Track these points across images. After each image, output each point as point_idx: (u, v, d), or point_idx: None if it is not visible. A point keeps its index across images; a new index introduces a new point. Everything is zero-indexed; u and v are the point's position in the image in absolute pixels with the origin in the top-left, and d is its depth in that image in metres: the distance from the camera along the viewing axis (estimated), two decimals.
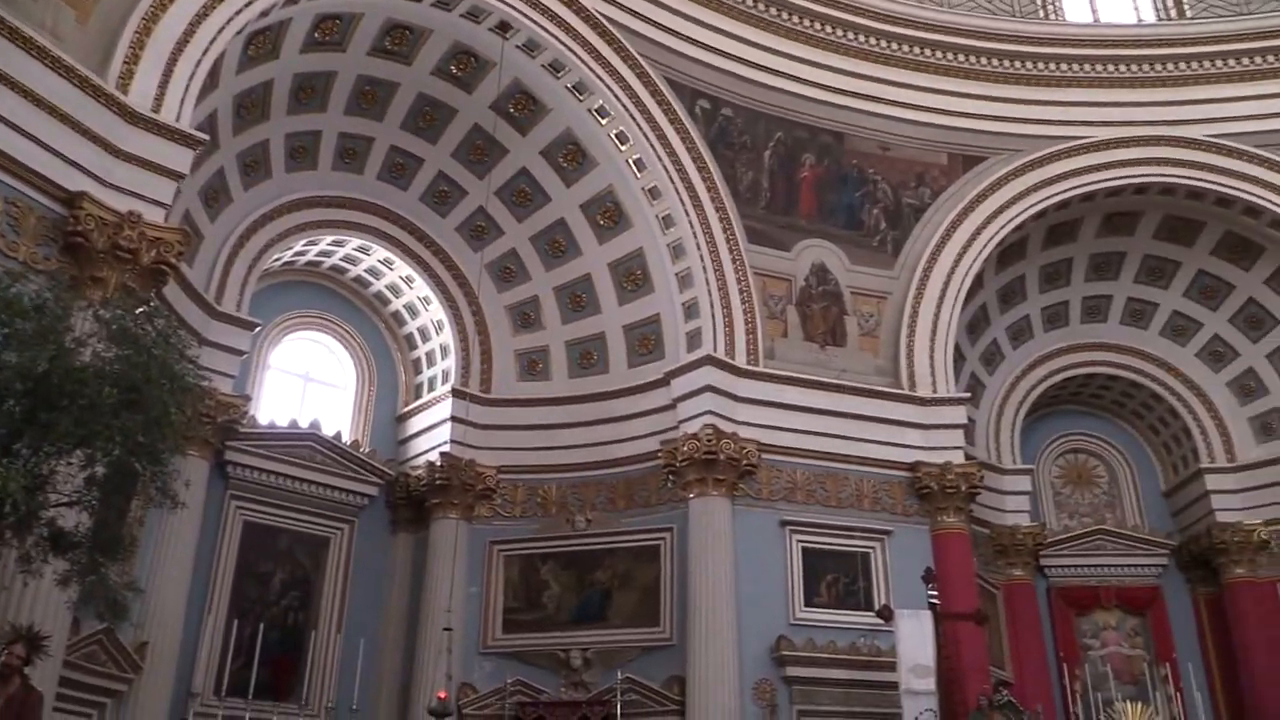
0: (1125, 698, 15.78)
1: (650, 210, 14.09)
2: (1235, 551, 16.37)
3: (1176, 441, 17.77)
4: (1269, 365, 16.78)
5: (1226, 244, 16.41)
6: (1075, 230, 16.61)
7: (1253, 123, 15.87)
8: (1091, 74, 16.22)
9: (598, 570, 13.65)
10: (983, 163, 15.80)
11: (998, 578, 16.26)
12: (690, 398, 13.42)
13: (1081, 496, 18.24)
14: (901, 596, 12.89)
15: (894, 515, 13.91)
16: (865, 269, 15.09)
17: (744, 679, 12.32)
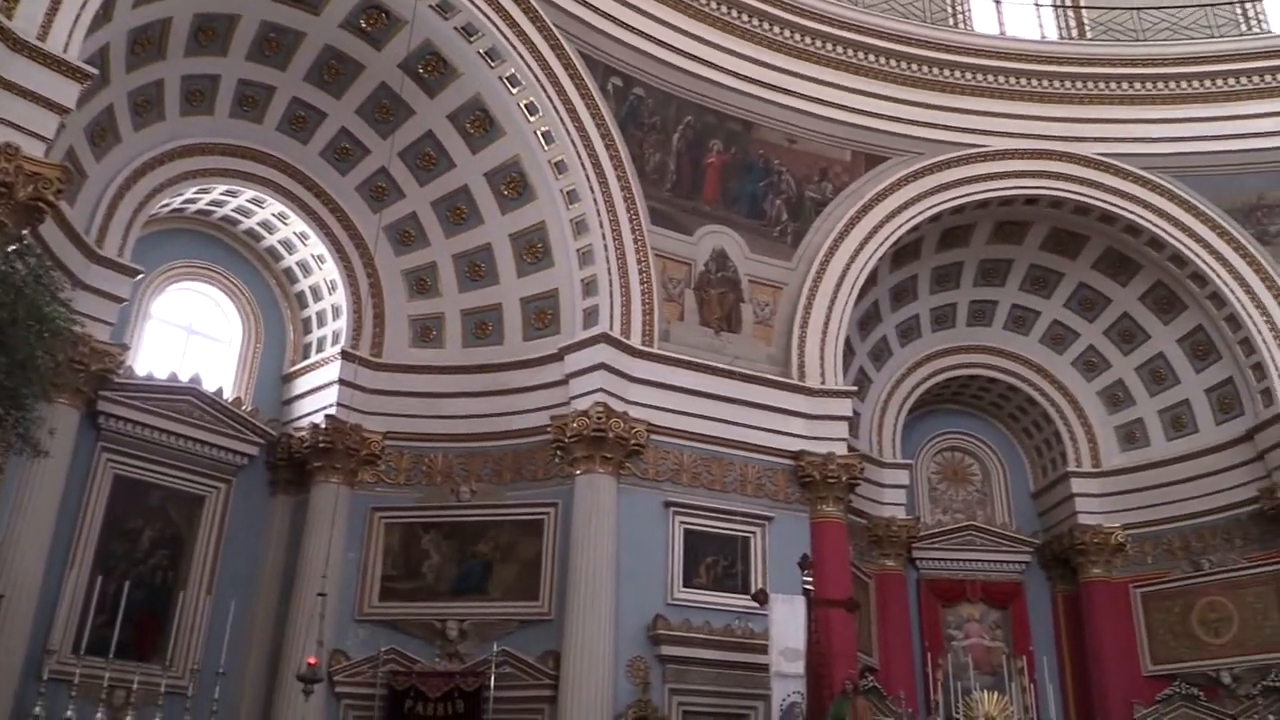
0: (983, 687, 16.42)
1: (555, 184, 14.01)
2: (1094, 552, 17.16)
3: (1048, 445, 18.52)
4: (1137, 378, 17.59)
5: (1107, 259, 17.10)
6: (968, 235, 17.11)
7: (1139, 145, 16.54)
8: (994, 85, 16.69)
9: (480, 542, 13.57)
10: (884, 162, 16.13)
11: (871, 567, 16.74)
12: (583, 374, 13.43)
13: (956, 493, 18.89)
14: (778, 581, 13.15)
15: (775, 502, 14.17)
16: (764, 258, 15.29)
17: (619, 656, 12.43)
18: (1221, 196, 16.30)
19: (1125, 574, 17.14)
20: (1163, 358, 17.24)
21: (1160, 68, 16.67)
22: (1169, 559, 16.84)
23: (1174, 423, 17.25)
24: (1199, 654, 16.13)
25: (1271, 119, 16.36)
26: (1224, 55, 16.58)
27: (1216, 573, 16.23)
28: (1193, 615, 16.35)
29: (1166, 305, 16.98)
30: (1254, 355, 15.91)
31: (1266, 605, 15.64)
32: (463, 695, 12.54)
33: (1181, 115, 16.63)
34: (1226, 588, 16.10)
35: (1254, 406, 16.02)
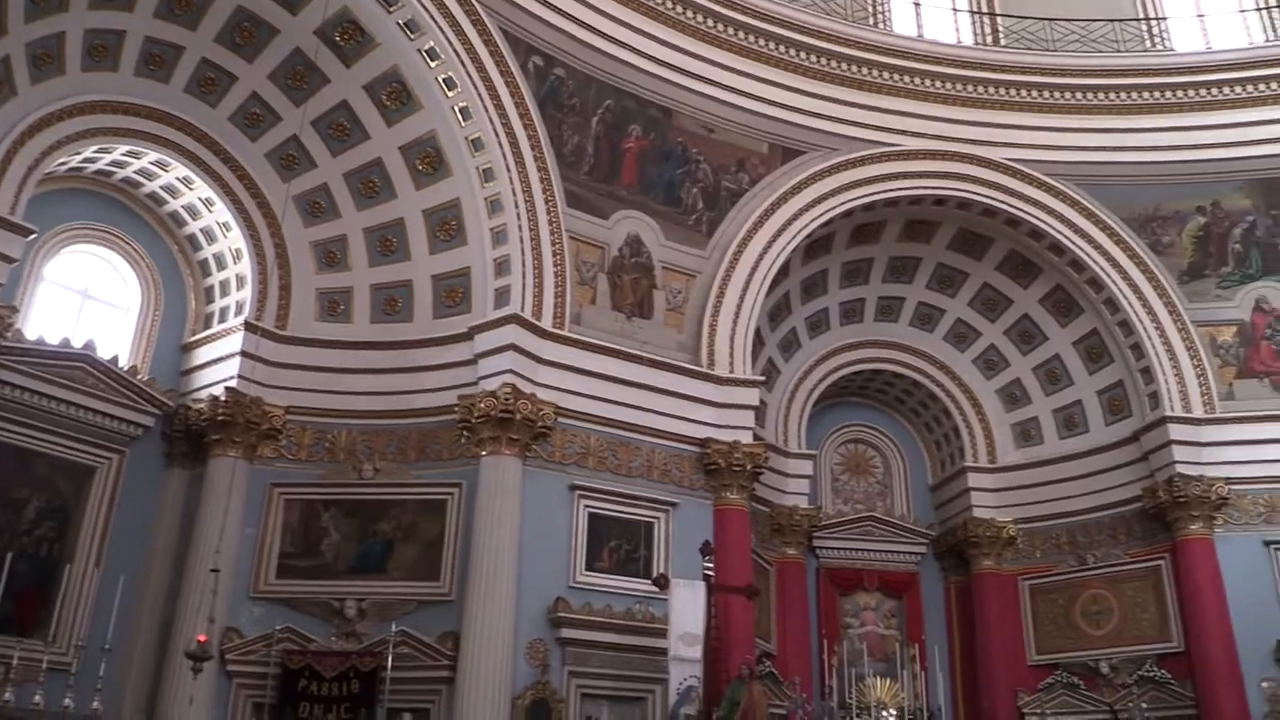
0: (876, 674, 16.92)
1: (471, 161, 13.87)
2: (986, 545, 17.70)
3: (947, 440, 19.02)
4: (1034, 378, 18.15)
5: (1010, 262, 17.59)
6: (879, 232, 17.43)
7: (1045, 151, 17.02)
8: (909, 85, 16.99)
9: (381, 521, 13.40)
10: (801, 156, 16.32)
11: (772, 554, 17.00)
12: (492, 355, 13.33)
13: (857, 484, 19.28)
14: (680, 567, 13.27)
15: (680, 488, 14.28)
16: (679, 246, 15.35)
17: (519, 638, 12.42)
18: (1120, 206, 16.90)
19: (1015, 566, 17.73)
20: (1059, 359, 17.82)
21: (1068, 78, 17.17)
22: (1056, 553, 17.46)
23: (1067, 422, 17.86)
24: (1080, 644, 16.77)
25: (1169, 133, 16.99)
26: (1128, 70, 17.16)
27: (1100, 567, 16.88)
28: (1076, 607, 16.98)
29: (1064, 308, 17.54)
30: (1143, 360, 16.54)
31: (1145, 599, 16.33)
32: (359, 675, 12.38)
33: (1086, 125, 17.17)
34: (1108, 582, 16.77)
35: (1141, 409, 16.67)
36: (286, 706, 12.33)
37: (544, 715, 12.31)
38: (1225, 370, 16.57)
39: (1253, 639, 14.98)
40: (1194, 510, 15.65)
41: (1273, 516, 15.75)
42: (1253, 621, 15.06)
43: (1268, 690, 14.78)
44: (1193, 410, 16.12)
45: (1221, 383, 16.45)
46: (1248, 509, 15.81)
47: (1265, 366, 16.50)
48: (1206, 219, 17.00)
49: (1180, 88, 17.06)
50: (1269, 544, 15.59)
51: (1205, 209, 17.00)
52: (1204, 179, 16.97)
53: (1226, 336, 16.74)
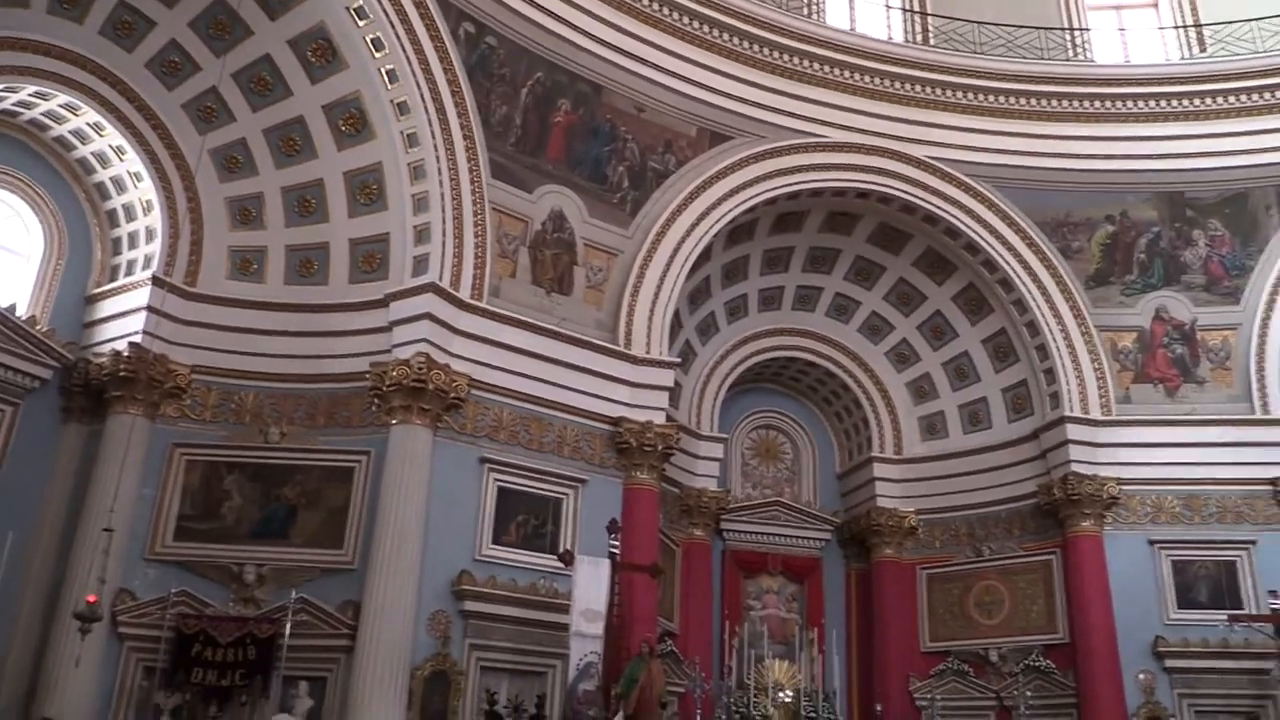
0: (775, 656, 17.23)
1: (396, 125, 13.64)
2: (888, 534, 18.13)
3: (856, 430, 19.38)
4: (943, 373, 18.59)
5: (927, 258, 17.95)
6: (801, 221, 17.62)
7: (966, 152, 17.38)
8: (839, 78, 17.15)
9: (286, 486, 13.16)
10: (728, 141, 16.39)
11: (679, 535, 17.17)
12: (407, 323, 13.16)
13: (767, 469, 19.56)
14: (587, 544, 13.33)
15: (591, 465, 14.32)
16: (602, 223, 15.32)
17: (421, 609, 12.35)
18: (1034, 210, 17.35)
19: (914, 556, 18.20)
20: (967, 356, 18.27)
21: (993, 81, 17.52)
22: (954, 544, 17.98)
23: (971, 418, 18.34)
24: (972, 633, 17.32)
25: (1084, 142, 17.47)
26: (1050, 77, 17.58)
27: (995, 559, 17.42)
28: (970, 597, 17.51)
29: (976, 307, 17.98)
30: (1047, 361, 17.05)
31: (1035, 591, 16.90)
32: (255, 642, 12.20)
33: (1007, 129, 17.55)
34: (1002, 573, 17.32)
35: (1042, 408, 17.19)
36: (179, 671, 12.10)
37: (443, 687, 12.29)
38: (1123, 375, 17.17)
39: (1133, 633, 15.64)
40: (1086, 508, 16.22)
41: (1158, 517, 16.41)
42: (1134, 616, 15.73)
43: (1143, 682, 15.45)
44: (1090, 412, 16.68)
45: (1119, 387, 17.04)
46: (1136, 509, 16.45)
47: (1160, 373, 17.13)
48: (1115, 227, 17.55)
49: (1097, 98, 17.55)
50: (1154, 543, 16.25)
51: (1114, 218, 17.55)
52: (1114, 189, 17.52)
53: (1127, 342, 17.33)
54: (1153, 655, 15.62)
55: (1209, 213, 17.45)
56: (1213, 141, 17.35)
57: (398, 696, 11.79)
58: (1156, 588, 16.04)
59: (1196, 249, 17.41)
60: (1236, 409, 16.73)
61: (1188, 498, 16.45)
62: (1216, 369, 17.09)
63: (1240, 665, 15.33)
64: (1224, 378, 17.05)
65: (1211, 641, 15.50)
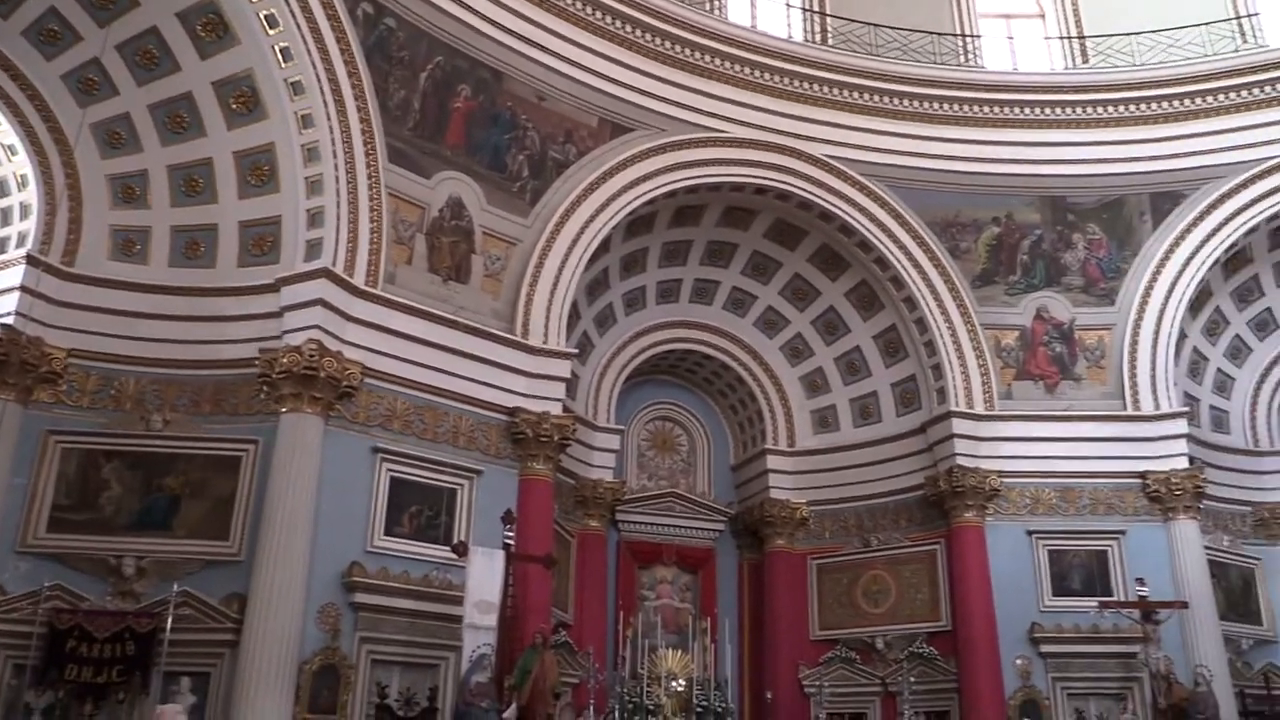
0: (669, 646, 17.41)
1: (290, 105, 13.24)
2: (780, 525, 18.46)
3: (750, 423, 19.66)
4: (835, 367, 18.99)
5: (821, 255, 18.29)
6: (699, 215, 17.76)
7: (861, 151, 17.76)
8: (739, 74, 17.34)
9: (169, 475, 12.68)
10: (629, 133, 16.41)
11: (574, 526, 17.16)
12: (299, 309, 12.80)
13: (663, 460, 19.70)
14: (482, 535, 13.22)
15: (486, 456, 14.19)
16: (501, 212, 15.17)
17: (310, 602, 12.06)
18: (924, 209, 17.84)
19: (805, 546, 18.57)
20: (859, 351, 18.70)
21: (888, 83, 17.94)
22: (844, 535, 18.41)
23: (862, 411, 18.78)
24: (859, 622, 17.76)
25: (973, 145, 18.05)
26: (942, 81, 18.10)
27: (882, 550, 17.89)
28: (858, 587, 17.95)
29: (867, 303, 18.40)
30: (935, 357, 17.56)
31: (920, 581, 17.42)
32: (135, 637, 11.73)
33: (900, 130, 18.00)
34: (889, 563, 17.80)
35: (930, 403, 17.70)
36: (51, 668, 11.55)
37: (332, 680, 12.05)
38: (1006, 371, 17.78)
39: (1011, 620, 16.25)
40: (969, 499, 16.77)
41: (1036, 508, 17.08)
42: (1013, 604, 16.33)
43: (1020, 667, 16.07)
44: (975, 407, 17.24)
45: (1001, 383, 17.65)
46: (1015, 500, 17.08)
47: (1040, 370, 17.81)
48: (1000, 229, 18.16)
49: (986, 103, 18.13)
50: (1031, 533, 16.89)
51: (1000, 219, 18.16)
52: (1001, 192, 18.12)
53: (1009, 340, 17.95)
54: (1029, 641, 16.26)
55: (1088, 217, 18.20)
56: (1092, 149, 18.10)
57: (285, 691, 11.50)
58: (1033, 576, 16.68)
59: (1076, 252, 18.14)
60: (1110, 405, 17.50)
61: (1064, 490, 17.15)
62: (1092, 367, 17.84)
63: (1109, 649, 16.06)
64: (1099, 375, 17.80)
65: (1083, 627, 16.20)
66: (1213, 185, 17.70)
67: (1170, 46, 18.11)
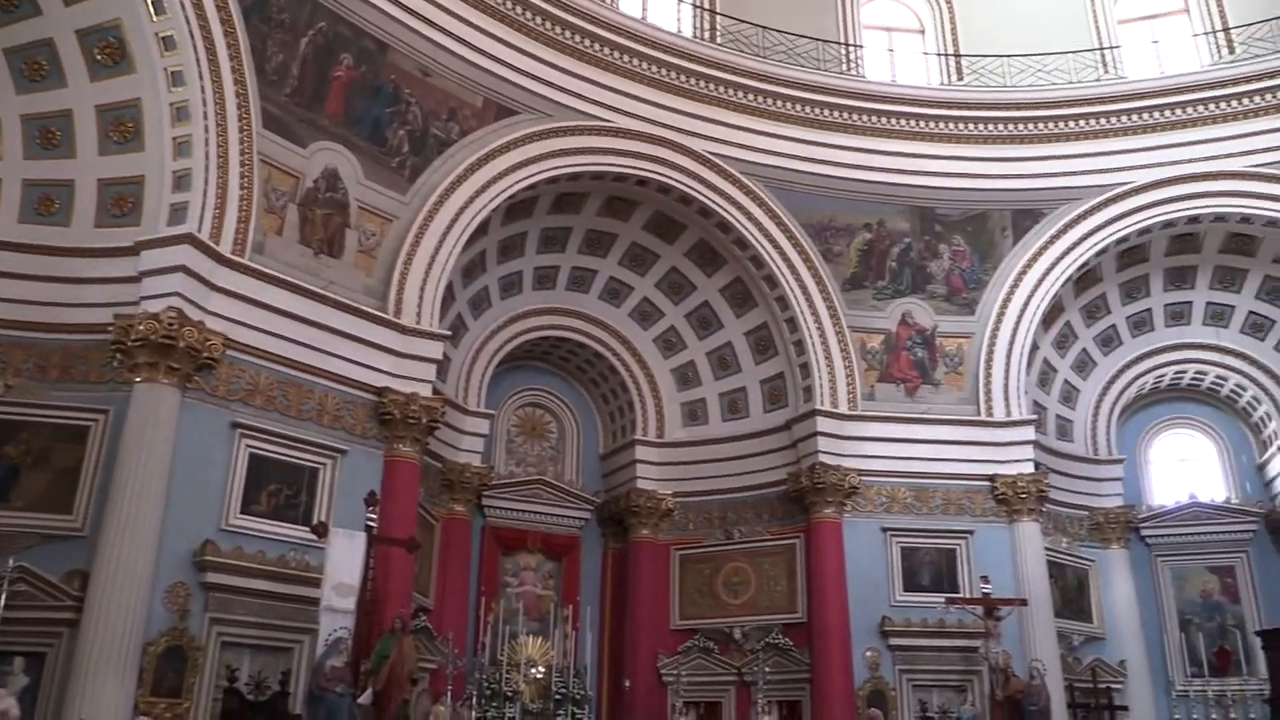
0: (530, 633, 17.41)
1: (160, 61, 12.62)
2: (645, 515, 18.63)
3: (621, 412, 19.76)
4: (707, 362, 19.25)
5: (699, 250, 18.48)
6: (580, 204, 17.73)
7: (743, 150, 18.02)
8: (627, 65, 17.35)
9: (9, 444, 11.92)
10: (514, 116, 16.24)
11: (440, 510, 16.94)
12: (159, 275, 12.22)
13: (532, 447, 19.63)
14: (343, 516, 12.91)
15: (352, 435, 13.86)
16: (378, 187, 14.80)
17: (159, 581, 11.56)
18: (800, 212, 18.22)
19: (669, 537, 18.79)
20: (730, 347, 19.00)
21: (772, 85, 18.24)
22: (707, 526, 18.70)
23: (731, 406, 19.10)
24: (719, 612, 18.08)
25: (850, 153, 18.52)
26: (825, 88, 18.50)
27: (744, 542, 18.25)
28: (719, 578, 18.27)
29: (741, 300, 18.69)
30: (803, 356, 17.98)
31: (779, 574, 17.84)
32: None
33: (781, 132, 18.32)
34: (749, 556, 18.17)
35: (796, 401, 18.12)
36: None
37: (179, 662, 11.57)
38: (869, 374, 18.34)
39: (864, 614, 16.82)
40: (829, 496, 17.25)
41: (892, 506, 17.69)
42: (866, 598, 16.90)
43: (870, 659, 16.65)
44: (839, 406, 17.73)
45: (865, 384, 18.20)
46: (873, 498, 17.65)
47: (902, 374, 18.43)
48: (872, 235, 18.69)
49: (866, 113, 18.61)
50: (886, 530, 17.50)
51: (872, 226, 18.70)
52: (875, 199, 18.64)
53: (875, 344, 18.52)
54: (880, 634, 16.84)
55: (954, 229, 18.90)
56: (962, 164, 18.80)
57: (127, 673, 11.00)
58: (886, 572, 17.28)
59: (941, 261, 18.82)
60: (964, 410, 18.25)
61: (918, 490, 17.81)
62: (950, 373, 18.56)
63: (954, 644, 16.78)
64: (956, 382, 18.53)
65: (931, 622, 16.87)
66: (1069, 206, 18.60)
67: (1039, 71, 18.95)
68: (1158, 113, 18.49)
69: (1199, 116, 18.34)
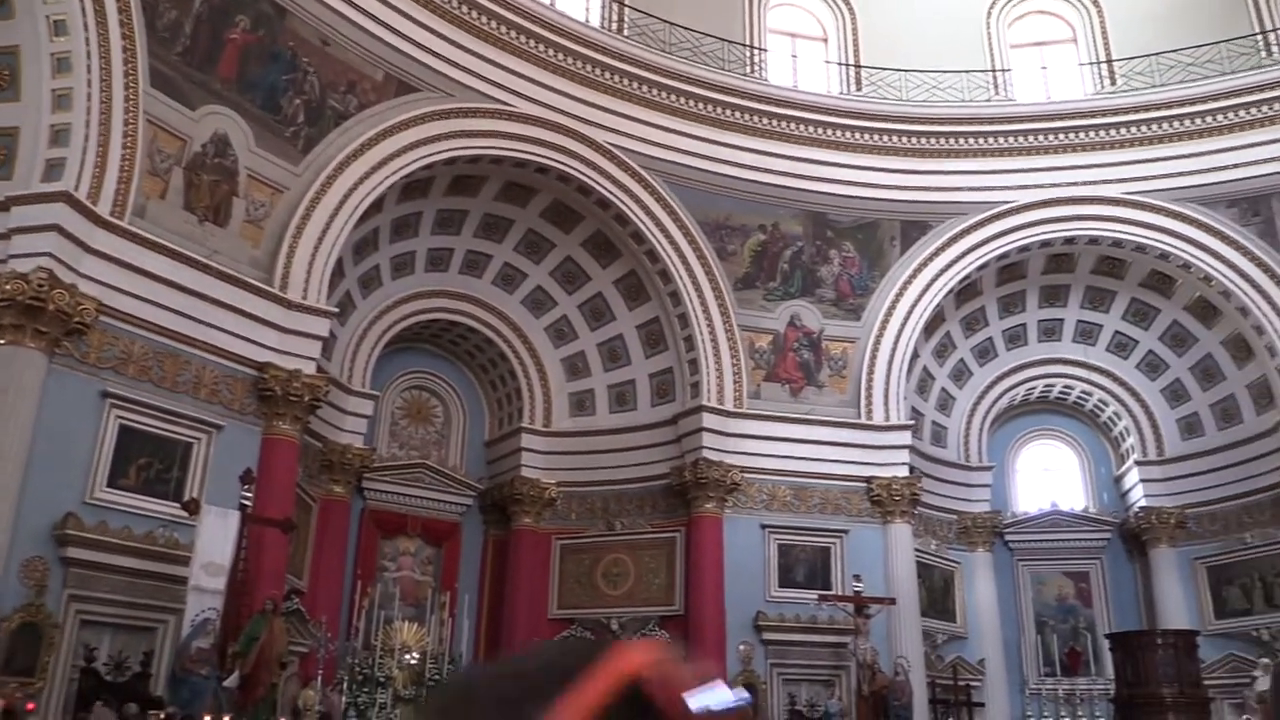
0: (405, 618, 17.16)
1: (42, 8, 11.98)
2: (528, 503, 18.56)
3: (509, 399, 19.64)
4: (597, 353, 19.28)
5: (595, 240, 18.50)
6: (478, 187, 17.54)
7: (644, 145, 18.09)
8: (533, 51, 17.24)
9: None
10: (415, 93, 15.95)
11: (318, 491, 16.55)
12: (30, 233, 11.55)
13: (416, 430, 19.35)
14: (216, 493, 12.48)
15: (229, 410, 13.41)
16: (270, 156, 14.34)
17: (14, 555, 10.96)
18: (698, 209, 18.39)
19: (551, 526, 18.77)
20: (622, 339, 19.07)
21: (677, 82, 18.36)
22: (590, 517, 18.74)
23: (619, 398, 19.17)
24: (597, 602, 18.15)
25: (750, 154, 18.76)
26: (726, 88, 18.70)
27: (625, 534, 18.35)
28: (599, 568, 18.34)
29: (635, 293, 18.78)
30: (693, 352, 18.16)
31: (658, 566, 18.00)
32: None
33: (684, 129, 18.46)
34: (630, 548, 18.29)
35: (683, 396, 18.30)
36: None
37: (33, 640, 11.00)
38: (756, 373, 18.63)
39: (739, 608, 17.10)
40: (711, 491, 17.48)
41: (772, 504, 18.03)
42: (742, 593, 17.18)
43: (743, 652, 16.93)
44: (725, 404, 17.97)
45: (752, 383, 18.48)
46: (754, 495, 17.95)
47: (788, 375, 18.79)
48: (766, 237, 18.98)
49: (767, 116, 18.89)
50: (765, 527, 17.83)
51: (766, 228, 18.99)
52: (771, 201, 18.94)
53: (763, 343, 18.82)
54: (754, 628, 17.17)
55: (845, 235, 19.34)
56: (856, 172, 19.25)
57: None
58: (763, 568, 17.62)
59: (831, 267, 19.24)
60: (846, 413, 18.70)
61: (798, 489, 18.19)
62: (834, 376, 18.99)
63: (824, 639, 17.20)
64: (839, 385, 18.97)
65: (803, 618, 17.26)
66: (955, 220, 19.23)
67: (934, 88, 19.53)
68: (1042, 136, 19.27)
69: (1080, 143, 19.19)
